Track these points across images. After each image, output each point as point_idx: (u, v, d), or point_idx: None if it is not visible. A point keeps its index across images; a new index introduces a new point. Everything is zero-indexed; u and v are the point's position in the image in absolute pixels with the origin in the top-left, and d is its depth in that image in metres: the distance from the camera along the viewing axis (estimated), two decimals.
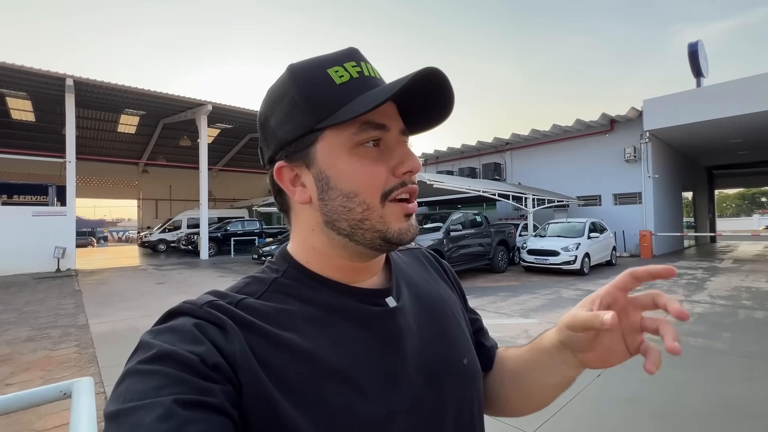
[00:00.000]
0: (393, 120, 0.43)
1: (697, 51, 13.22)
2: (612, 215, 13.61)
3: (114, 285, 9.07)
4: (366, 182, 0.41)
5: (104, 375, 3.46)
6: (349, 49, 0.44)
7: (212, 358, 0.34)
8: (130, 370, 0.32)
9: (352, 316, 0.43)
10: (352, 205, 0.41)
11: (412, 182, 0.44)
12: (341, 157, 0.41)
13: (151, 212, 27.65)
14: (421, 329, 0.48)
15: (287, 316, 0.41)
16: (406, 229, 0.43)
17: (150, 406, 0.29)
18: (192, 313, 0.37)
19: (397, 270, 0.53)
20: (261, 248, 13.64)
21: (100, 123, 19.42)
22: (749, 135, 13.39)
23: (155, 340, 0.34)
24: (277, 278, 0.45)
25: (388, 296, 0.47)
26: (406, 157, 0.43)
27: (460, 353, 0.50)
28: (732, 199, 65.67)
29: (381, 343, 0.43)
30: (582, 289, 7.23)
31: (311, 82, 0.42)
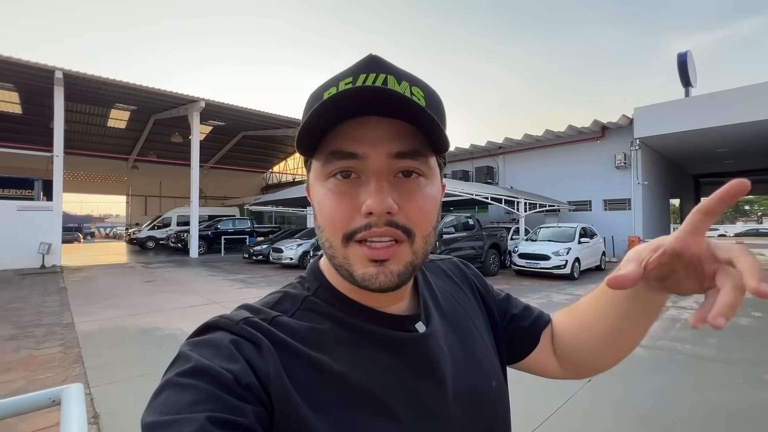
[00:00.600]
0: (374, 145, 0.37)
1: (686, 61, 13.48)
2: (602, 221, 13.79)
3: (101, 282, 8.91)
4: (327, 219, 0.39)
5: (90, 376, 3.38)
6: (363, 60, 0.40)
7: (246, 377, 0.34)
8: (169, 382, 0.33)
9: (382, 342, 0.43)
10: (323, 238, 0.40)
11: (382, 225, 0.37)
12: (317, 188, 0.41)
13: (140, 209, 27.24)
14: (453, 354, 0.47)
15: (319, 336, 0.41)
16: (372, 276, 0.38)
17: (185, 421, 0.30)
18: (229, 328, 0.38)
19: (423, 292, 0.51)
20: (252, 247, 13.54)
21: (90, 117, 19.08)
22: (736, 144, 13.71)
23: (193, 352, 0.35)
24: (309, 296, 0.45)
25: (418, 321, 0.46)
26: (370, 194, 0.37)
27: (489, 377, 0.49)
28: None
29: (413, 370, 0.42)
30: (572, 294, 7.30)
31: (308, 109, 0.41)
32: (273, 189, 28.21)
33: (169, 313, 5.76)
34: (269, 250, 12.51)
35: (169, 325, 5.10)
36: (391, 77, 0.39)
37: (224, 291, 7.74)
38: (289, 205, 16.94)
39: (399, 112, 0.36)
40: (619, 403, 2.89)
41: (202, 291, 7.70)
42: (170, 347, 4.21)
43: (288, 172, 29.01)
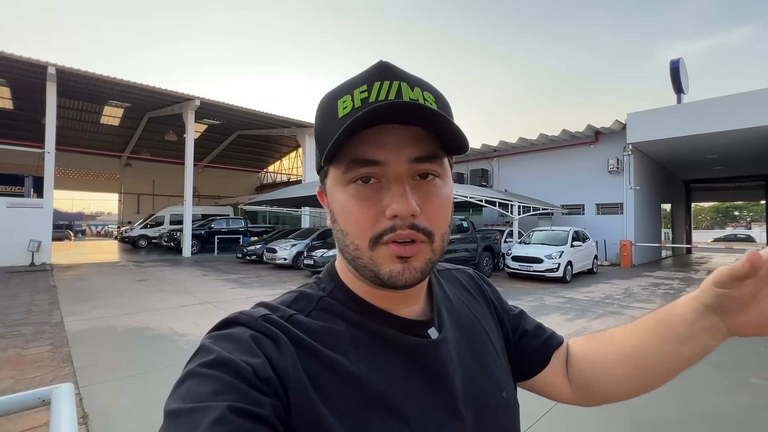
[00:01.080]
0: (395, 150, 0.39)
1: (678, 68, 13.67)
2: (594, 224, 13.92)
3: (91, 281, 8.81)
4: (353, 224, 0.40)
5: (79, 375, 3.35)
6: (375, 67, 0.41)
7: (265, 371, 0.35)
8: (192, 372, 0.34)
9: (395, 346, 0.43)
10: (346, 242, 0.41)
11: (408, 227, 0.39)
12: (337, 193, 0.41)
13: (133, 207, 26.99)
14: (463, 361, 0.47)
15: (334, 336, 0.42)
16: (398, 272, 0.40)
17: (207, 409, 0.31)
18: (248, 324, 0.39)
19: (437, 298, 0.52)
20: (246, 247, 13.47)
21: (83, 114, 18.88)
22: (725, 151, 13.92)
23: (215, 345, 0.36)
24: (324, 297, 0.46)
25: (431, 327, 0.47)
26: (395, 198, 0.38)
27: (500, 387, 0.50)
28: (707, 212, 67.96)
29: (425, 375, 0.43)
30: (564, 297, 7.36)
31: (322, 117, 0.42)
32: (268, 189, 28.10)
33: (161, 313, 5.72)
34: (263, 250, 12.46)
35: (160, 325, 5.06)
36: (405, 84, 0.40)
37: (217, 291, 7.70)
38: (284, 205, 16.87)
39: (424, 121, 0.38)
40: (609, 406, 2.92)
41: (194, 291, 7.65)
42: (161, 347, 4.18)
43: (283, 171, 28.90)
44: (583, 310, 6.24)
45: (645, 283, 9.36)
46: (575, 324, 5.34)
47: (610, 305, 6.64)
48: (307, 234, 12.90)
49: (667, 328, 0.45)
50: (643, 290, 8.25)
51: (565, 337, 0.62)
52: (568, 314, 5.94)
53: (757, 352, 4.21)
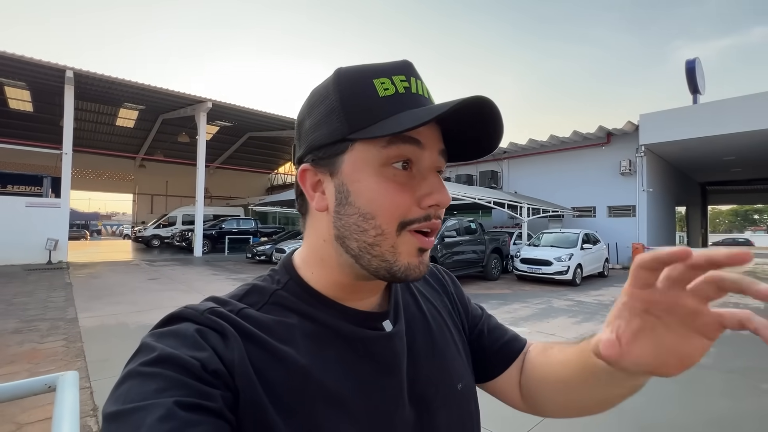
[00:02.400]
0: (430, 140, 0.41)
1: (694, 68, 13.41)
2: (606, 227, 13.72)
3: (105, 279, 9.02)
4: (386, 207, 0.39)
5: (91, 369, 3.44)
6: (403, 62, 0.43)
7: (213, 364, 0.34)
8: (132, 372, 0.32)
9: (347, 338, 0.43)
10: (366, 227, 0.39)
11: (437, 217, 0.41)
12: (367, 173, 0.40)
13: (147, 207, 27.50)
14: (416, 354, 0.47)
15: (286, 329, 0.41)
16: (415, 266, 0.40)
17: (151, 407, 0.29)
18: (193, 318, 0.37)
19: (396, 290, 0.51)
20: (255, 247, 13.61)
21: (99, 116, 19.34)
22: (743, 153, 13.59)
23: (158, 343, 0.34)
24: (277, 290, 0.44)
25: (385, 319, 0.46)
26: (436, 188, 0.40)
27: (454, 378, 0.49)
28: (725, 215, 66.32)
29: (375, 368, 0.43)
30: (573, 300, 7.28)
31: (353, 90, 0.40)
32: (278, 190, 28.33)
33: (171, 310, 5.81)
34: (272, 250, 12.58)
35: None
36: (427, 86, 0.44)
37: (226, 290, 7.60)
38: (294, 206, 16.98)
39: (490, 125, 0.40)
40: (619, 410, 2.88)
41: (204, 290, 7.77)
42: None
43: (293, 173, 29.10)
44: (592, 313, 6.16)
45: None
46: (583, 327, 5.27)
47: None
48: None
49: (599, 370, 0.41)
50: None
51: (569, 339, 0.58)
52: (576, 317, 5.87)
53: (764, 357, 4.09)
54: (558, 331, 5.04)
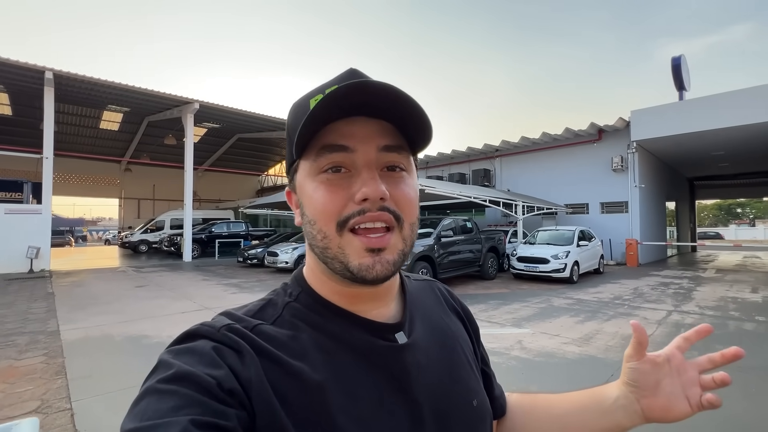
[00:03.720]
0: (363, 140, 0.40)
1: (680, 65, 13.53)
2: (599, 223, 13.75)
3: (90, 287, 8.67)
4: (320, 209, 0.40)
5: (72, 388, 3.19)
6: (346, 71, 0.44)
7: (229, 382, 0.34)
8: (149, 389, 0.33)
9: (360, 350, 0.42)
10: (314, 232, 0.41)
11: (376, 209, 0.39)
12: (307, 184, 0.42)
13: (133, 212, 26.90)
14: (431, 368, 0.46)
15: (299, 344, 0.41)
16: (368, 266, 0.39)
17: (167, 425, 0.30)
18: (210, 336, 0.38)
19: (411, 301, 0.51)
20: (246, 251, 13.33)
21: (81, 119, 18.81)
22: (731, 147, 13.74)
23: (175, 360, 0.35)
24: (290, 302, 0.45)
25: (399, 331, 0.46)
26: (365, 182, 0.39)
27: (469, 395, 0.48)
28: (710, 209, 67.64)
29: (388, 381, 0.42)
30: (572, 298, 7.19)
31: (293, 116, 0.44)
32: (269, 192, 27.98)
33: (160, 320, 5.57)
34: (264, 253, 12.31)
35: (158, 332, 4.91)
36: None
37: (218, 296, 7.55)
38: (285, 208, 16.75)
39: (393, 104, 0.39)
40: None
41: (195, 296, 7.50)
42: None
43: (284, 174, 28.77)
44: (593, 311, 6.07)
45: (654, 282, 9.18)
46: (586, 326, 5.17)
47: (620, 306, 6.46)
48: None
49: (593, 399, 0.52)
50: (653, 290, 8.07)
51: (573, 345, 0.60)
52: (578, 316, 5.77)
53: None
54: (562, 331, 4.92)
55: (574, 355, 4.05)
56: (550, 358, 3.97)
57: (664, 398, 0.46)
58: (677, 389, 0.46)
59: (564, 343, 4.45)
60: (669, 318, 5.61)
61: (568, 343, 4.42)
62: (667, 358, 0.47)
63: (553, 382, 3.40)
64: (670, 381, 0.46)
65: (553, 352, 4.13)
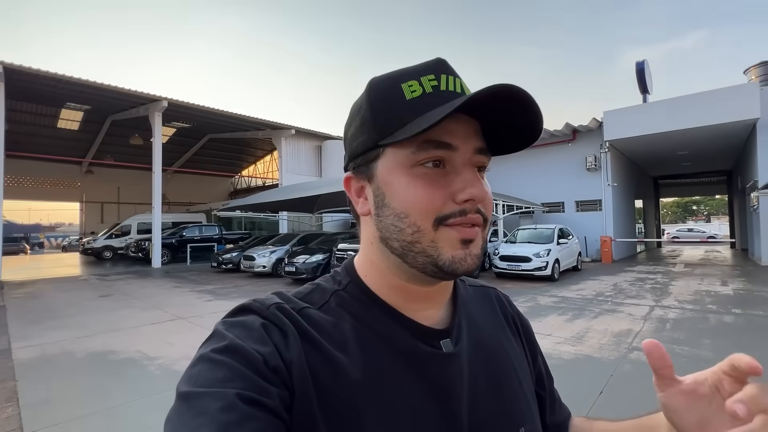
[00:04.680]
0: (464, 139, 0.40)
1: (644, 69, 14.06)
2: (574, 221, 14.06)
3: (48, 299, 7.97)
4: (418, 204, 0.39)
5: (26, 418, 2.79)
6: (435, 60, 0.43)
7: (273, 360, 0.35)
8: (204, 356, 0.35)
9: (401, 352, 0.41)
10: (402, 226, 0.40)
11: (476, 211, 0.39)
12: (398, 175, 0.40)
13: (96, 216, 25.38)
14: (475, 384, 0.44)
15: (341, 333, 0.41)
16: (461, 258, 0.39)
17: (216, 395, 0.31)
18: (260, 312, 0.39)
19: (462, 308, 0.49)
20: (221, 255, 12.76)
21: (37, 117, 17.52)
22: (695, 147, 14.41)
23: (228, 331, 0.37)
24: (338, 290, 0.44)
25: (445, 339, 0.44)
26: (469, 183, 0.39)
27: (517, 420, 0.45)
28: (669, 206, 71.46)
29: (427, 390, 0.40)
30: (557, 296, 7.23)
31: (382, 98, 0.41)
32: (242, 194, 27.13)
33: (128, 333, 5.12)
34: (240, 257, 11.81)
35: (126, 347, 4.48)
36: (463, 81, 0.43)
37: (192, 304, 7.08)
38: (261, 210, 16.20)
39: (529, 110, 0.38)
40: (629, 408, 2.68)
41: (166, 305, 7.01)
42: (127, 375, 3.65)
43: (258, 176, 27.99)
44: (580, 309, 6.09)
45: (630, 278, 9.42)
46: (576, 324, 5.15)
47: (604, 303, 6.53)
48: (286, 239, 12.34)
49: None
50: (631, 286, 8.26)
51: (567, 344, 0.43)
52: (566, 314, 5.76)
53: (762, 348, 4.11)
54: (553, 330, 4.87)
55: (570, 355, 3.99)
56: (548, 359, 3.84)
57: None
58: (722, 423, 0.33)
59: (558, 342, 4.39)
60: (653, 313, 5.70)
61: (562, 343, 4.36)
62: (715, 386, 0.33)
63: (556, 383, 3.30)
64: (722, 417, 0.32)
65: (549, 353, 4.05)
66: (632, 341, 4.35)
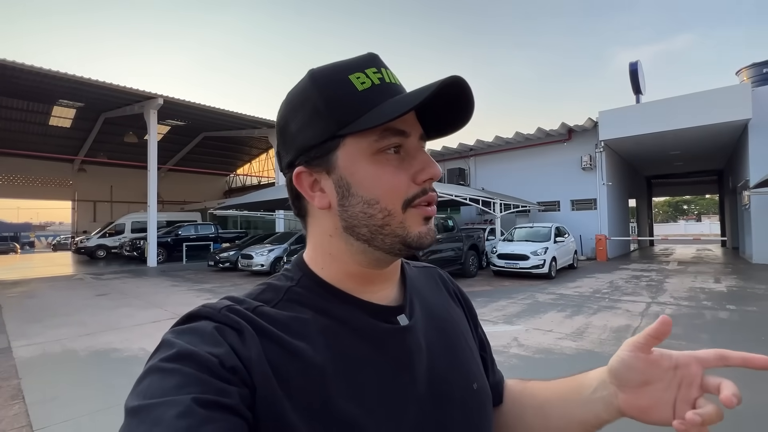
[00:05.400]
0: (413, 126, 0.43)
1: (637, 70, 14.21)
2: (570, 220, 14.20)
3: (43, 298, 7.88)
4: (387, 190, 0.41)
5: (34, 414, 2.78)
6: (369, 55, 0.44)
7: (230, 360, 0.35)
8: (152, 368, 0.33)
9: (362, 332, 0.43)
10: (372, 212, 0.41)
11: (432, 189, 0.43)
12: (362, 164, 0.41)
13: (89, 215, 25.08)
14: (431, 351, 0.46)
15: (301, 325, 0.41)
16: (425, 233, 0.43)
17: (170, 403, 0.30)
18: (211, 316, 0.38)
19: (411, 286, 0.51)
20: (218, 254, 12.70)
21: (28, 114, 17.28)
22: (687, 147, 14.63)
23: (177, 339, 0.35)
24: (292, 287, 0.45)
25: (401, 314, 0.46)
26: (427, 164, 0.42)
27: (469, 378, 0.48)
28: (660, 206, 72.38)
29: (390, 363, 0.42)
30: (554, 293, 7.31)
31: (333, 88, 0.42)
32: (237, 192, 26.98)
33: (129, 331, 5.09)
34: (237, 256, 11.76)
35: (129, 345, 4.47)
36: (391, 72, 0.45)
37: (191, 303, 7.05)
38: (257, 208, 16.14)
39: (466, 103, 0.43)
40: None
41: (165, 304, 6.98)
42: (133, 372, 3.61)
43: (253, 174, 27.86)
44: (578, 306, 6.18)
45: (626, 276, 9.56)
46: (575, 321, 5.23)
47: (601, 300, 6.63)
48: (284, 238, 12.31)
49: (574, 388, 0.50)
50: (627, 283, 8.38)
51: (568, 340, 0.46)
52: (565, 311, 5.84)
53: (758, 342, 4.21)
54: (554, 326, 4.94)
55: (571, 350, 4.05)
56: (549, 354, 3.95)
57: (646, 401, 0.41)
58: (668, 398, 0.40)
59: (559, 338, 4.45)
60: (649, 309, 5.80)
61: (563, 339, 4.43)
62: (676, 365, 0.40)
63: (560, 377, 3.35)
64: (664, 389, 0.40)
65: (550, 348, 4.11)
66: (632, 336, 4.42)
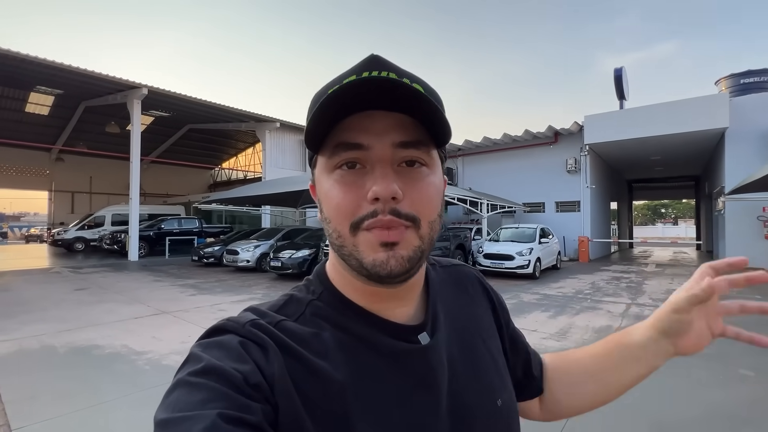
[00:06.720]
0: (378, 135, 0.38)
1: (621, 76, 14.55)
2: (554, 221, 14.49)
3: (18, 291, 7.61)
4: (334, 209, 0.39)
5: (11, 414, 2.69)
6: (364, 60, 0.39)
7: (254, 377, 0.35)
8: (180, 381, 0.34)
9: (382, 351, 0.42)
10: (329, 230, 0.41)
11: (388, 212, 0.37)
12: (323, 181, 0.41)
13: (66, 206, 24.31)
14: (453, 368, 0.46)
15: (321, 343, 0.41)
16: (382, 261, 0.38)
17: (196, 418, 0.31)
18: (236, 331, 0.39)
19: (435, 296, 0.50)
20: (202, 249, 12.48)
21: (2, 100, 16.58)
22: (667, 153, 15.08)
23: (204, 353, 0.36)
24: (313, 300, 0.45)
25: (422, 332, 0.45)
26: (376, 181, 0.38)
27: (493, 394, 0.48)
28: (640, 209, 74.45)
29: (410, 383, 0.42)
30: (539, 293, 7.46)
31: (312, 104, 0.41)
32: (222, 187, 26.55)
33: (111, 327, 4.97)
34: (222, 251, 11.59)
35: (111, 341, 4.36)
36: (394, 75, 0.38)
37: (175, 299, 6.92)
38: (243, 203, 15.91)
39: (405, 103, 0.37)
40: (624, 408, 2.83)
41: (147, 299, 6.83)
42: (117, 370, 3.55)
43: (239, 168, 27.44)
44: (561, 306, 6.32)
45: (606, 277, 9.81)
46: (559, 321, 5.35)
47: (584, 300, 6.80)
48: (271, 234, 12.19)
49: (626, 354, 0.53)
50: (608, 284, 8.61)
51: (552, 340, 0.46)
52: (549, 311, 5.97)
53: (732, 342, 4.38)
54: (538, 326, 5.05)
55: (555, 349, 4.14)
56: None
57: (694, 338, 0.48)
58: (704, 325, 0.48)
59: (543, 338, 4.55)
60: (630, 311, 5.98)
61: (547, 338, 4.53)
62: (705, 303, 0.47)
63: None
64: (699, 319, 0.48)
65: (535, 348, 4.18)
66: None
